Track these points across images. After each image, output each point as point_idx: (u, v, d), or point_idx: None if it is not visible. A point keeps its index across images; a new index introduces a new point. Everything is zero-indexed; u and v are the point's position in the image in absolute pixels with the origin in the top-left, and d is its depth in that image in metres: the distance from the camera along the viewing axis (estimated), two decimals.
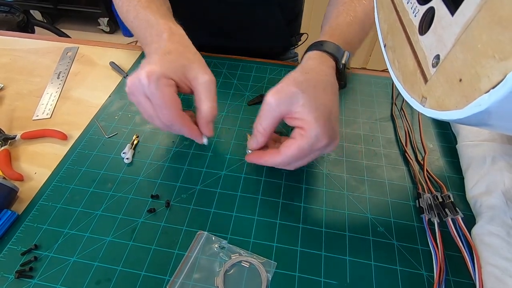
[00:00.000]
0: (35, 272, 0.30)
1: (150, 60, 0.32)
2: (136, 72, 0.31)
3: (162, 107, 0.31)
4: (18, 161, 0.39)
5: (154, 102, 0.31)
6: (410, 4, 0.21)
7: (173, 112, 0.31)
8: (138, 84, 0.31)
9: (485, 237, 0.30)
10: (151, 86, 0.30)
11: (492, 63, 0.12)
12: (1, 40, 0.57)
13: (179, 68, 0.32)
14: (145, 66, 0.31)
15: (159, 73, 0.30)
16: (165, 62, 0.31)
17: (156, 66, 0.31)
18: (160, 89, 0.30)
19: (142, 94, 0.31)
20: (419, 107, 0.18)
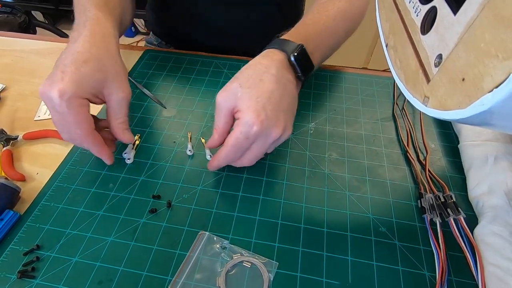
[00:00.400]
0: (37, 272, 0.30)
1: (65, 70, 0.30)
2: (49, 83, 0.30)
3: (73, 127, 0.31)
4: (20, 162, 0.39)
5: (65, 120, 0.31)
6: (412, 4, 0.21)
7: (84, 131, 0.32)
8: (49, 100, 0.30)
9: (488, 237, 0.30)
10: (62, 105, 0.30)
11: (495, 62, 0.12)
12: (3, 41, 0.57)
13: (94, 85, 0.32)
14: (58, 82, 0.30)
15: (72, 93, 0.30)
16: (80, 79, 0.31)
17: (69, 85, 0.30)
18: (72, 108, 0.30)
19: (51, 107, 0.31)
20: (421, 107, 0.18)
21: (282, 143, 0.34)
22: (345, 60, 1.01)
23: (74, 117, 0.31)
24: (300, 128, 0.43)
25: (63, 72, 0.30)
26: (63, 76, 0.30)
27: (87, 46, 0.32)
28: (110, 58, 0.33)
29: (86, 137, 0.32)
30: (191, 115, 0.45)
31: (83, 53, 0.32)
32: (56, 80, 0.30)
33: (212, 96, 0.47)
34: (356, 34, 0.51)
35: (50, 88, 0.30)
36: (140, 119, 0.44)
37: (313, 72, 0.39)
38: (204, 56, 0.54)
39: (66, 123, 0.31)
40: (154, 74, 0.50)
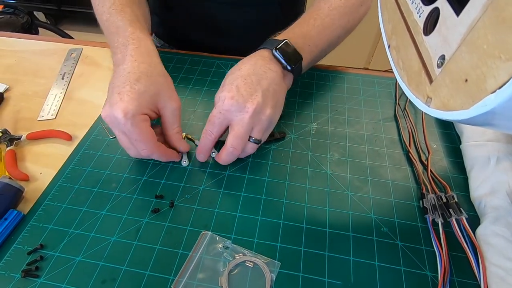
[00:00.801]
0: (41, 271, 0.30)
1: (121, 92, 0.32)
2: (110, 106, 0.32)
3: (140, 143, 0.33)
4: (23, 162, 0.39)
5: (132, 137, 0.33)
6: (414, 5, 0.21)
7: (151, 145, 0.34)
8: (114, 121, 0.32)
9: (490, 238, 0.30)
10: (127, 124, 0.31)
11: (498, 63, 0.13)
12: (6, 42, 0.57)
13: (150, 100, 0.33)
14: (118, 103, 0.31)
15: (134, 111, 0.31)
16: (137, 96, 0.32)
17: (130, 103, 0.31)
18: (137, 126, 0.32)
19: (117, 128, 0.33)
20: (424, 107, 0.19)
21: (268, 126, 0.35)
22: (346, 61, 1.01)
23: (139, 134, 0.32)
24: (302, 128, 0.43)
25: (119, 93, 0.32)
26: (121, 96, 0.32)
27: (136, 65, 0.34)
28: (157, 72, 0.35)
29: (152, 151, 0.34)
30: (193, 115, 0.45)
31: (133, 72, 0.33)
32: (115, 101, 0.32)
33: None
34: (357, 34, 0.51)
35: (112, 110, 0.32)
36: None
37: (309, 65, 0.41)
38: (206, 56, 0.54)
39: (133, 141, 0.33)
40: None
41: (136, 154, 0.35)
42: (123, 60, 0.35)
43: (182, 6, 0.58)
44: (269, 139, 0.40)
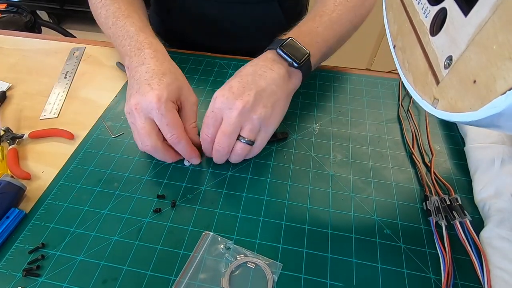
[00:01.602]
0: (42, 270, 0.30)
1: (151, 83, 0.34)
2: (141, 94, 0.33)
3: (172, 127, 0.33)
4: (25, 160, 0.39)
5: (163, 122, 0.33)
6: (421, 5, 0.21)
7: (181, 130, 0.34)
8: (146, 107, 0.33)
9: (494, 241, 0.30)
10: (161, 108, 0.32)
11: (508, 64, 0.12)
12: (9, 40, 0.57)
13: (176, 92, 0.35)
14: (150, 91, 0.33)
15: (167, 97, 0.33)
16: (166, 86, 0.34)
17: (162, 90, 0.33)
18: (171, 110, 0.33)
19: (144, 115, 0.33)
20: (430, 108, 0.18)
21: (262, 126, 0.34)
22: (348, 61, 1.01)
23: (172, 118, 0.33)
24: (305, 129, 0.43)
25: (149, 84, 0.34)
26: (152, 86, 0.33)
27: (158, 64, 0.36)
28: (177, 70, 0.38)
29: (182, 136, 0.34)
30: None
31: (158, 69, 0.35)
32: (147, 90, 0.33)
33: None
34: (360, 35, 0.51)
35: (145, 97, 0.33)
36: None
37: (318, 62, 0.42)
38: (209, 56, 0.54)
39: (165, 126, 0.33)
40: None
41: (154, 142, 0.34)
42: (143, 61, 0.36)
43: (182, 8, 0.58)
44: (271, 140, 0.40)
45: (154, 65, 0.35)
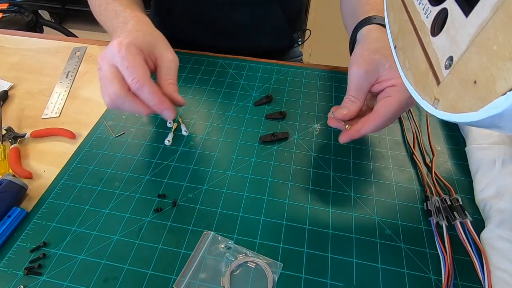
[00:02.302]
0: (43, 269, 0.30)
1: (120, 35, 0.33)
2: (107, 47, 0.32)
3: (134, 68, 0.31)
4: (27, 159, 0.39)
5: (124, 65, 0.31)
6: (421, 5, 0.21)
7: (143, 73, 0.31)
8: (108, 54, 0.32)
9: (495, 241, 0.30)
10: (122, 51, 0.31)
11: (509, 65, 0.12)
12: (11, 40, 0.58)
13: (147, 43, 0.33)
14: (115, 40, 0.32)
15: (129, 41, 0.32)
16: (134, 36, 0.33)
17: (126, 38, 0.32)
18: (131, 53, 0.31)
19: (108, 62, 0.31)
20: (431, 109, 0.18)
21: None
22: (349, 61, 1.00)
23: (132, 61, 0.31)
24: (305, 129, 0.43)
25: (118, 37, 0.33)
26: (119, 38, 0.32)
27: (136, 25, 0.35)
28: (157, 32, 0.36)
29: (144, 81, 0.31)
30: (196, 115, 0.45)
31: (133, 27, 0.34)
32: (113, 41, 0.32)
33: (218, 96, 0.47)
34: None
35: (108, 46, 0.32)
36: (146, 118, 0.44)
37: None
38: (210, 56, 0.54)
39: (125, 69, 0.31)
40: None
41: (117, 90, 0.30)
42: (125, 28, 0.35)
43: (182, 9, 0.58)
44: (272, 139, 0.40)
45: (132, 25, 0.35)
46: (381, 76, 0.32)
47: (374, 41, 0.34)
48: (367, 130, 0.32)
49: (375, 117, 0.32)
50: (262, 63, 0.53)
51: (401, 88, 0.31)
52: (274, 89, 0.48)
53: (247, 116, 0.45)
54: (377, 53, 0.32)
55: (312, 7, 1.37)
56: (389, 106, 0.31)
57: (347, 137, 0.34)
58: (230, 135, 0.42)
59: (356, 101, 0.33)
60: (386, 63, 0.32)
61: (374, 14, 0.37)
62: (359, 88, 0.32)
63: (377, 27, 0.36)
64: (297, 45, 0.70)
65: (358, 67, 0.32)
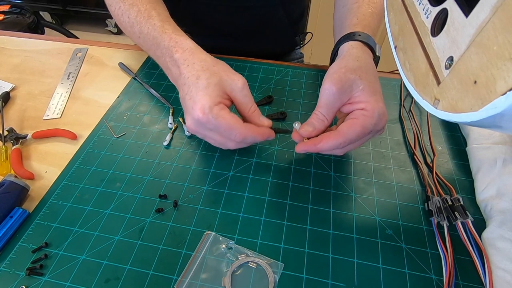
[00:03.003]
0: (45, 269, 0.30)
1: (191, 96, 0.32)
2: (189, 115, 0.32)
3: (230, 130, 0.32)
4: (29, 160, 0.40)
5: (220, 129, 0.32)
6: (422, 6, 0.21)
7: (241, 127, 0.32)
8: (198, 124, 0.32)
9: (496, 241, 0.30)
10: (210, 119, 0.31)
11: (508, 65, 0.12)
12: (13, 41, 0.58)
13: (217, 90, 0.33)
14: (193, 107, 0.32)
15: (209, 104, 0.31)
16: (204, 91, 0.32)
17: (202, 100, 0.31)
18: (219, 115, 0.31)
19: (205, 129, 0.33)
20: (431, 109, 0.18)
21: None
22: None
23: (225, 123, 0.31)
24: None
25: (191, 99, 0.32)
26: (193, 100, 0.32)
27: (189, 69, 0.34)
28: (210, 62, 0.34)
29: (244, 133, 0.32)
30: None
31: (191, 75, 0.33)
32: (192, 107, 0.32)
33: None
34: None
35: (194, 116, 0.32)
36: (147, 119, 0.44)
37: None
38: None
39: (223, 132, 0.32)
40: (161, 75, 0.51)
41: (231, 145, 0.34)
42: (179, 72, 0.34)
43: (185, 12, 0.59)
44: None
45: (187, 72, 0.33)
46: (353, 97, 0.32)
47: (353, 60, 0.34)
48: (325, 147, 0.32)
49: (336, 135, 0.31)
50: (263, 64, 0.53)
51: (369, 114, 0.31)
52: (274, 90, 0.49)
53: None
54: (353, 73, 0.32)
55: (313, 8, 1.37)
56: (352, 128, 0.31)
57: (303, 149, 0.33)
58: None
59: (324, 119, 0.33)
60: (361, 85, 0.31)
61: (359, 29, 0.37)
62: (329, 106, 0.32)
63: (359, 45, 0.36)
64: (298, 48, 0.70)
65: (332, 84, 0.31)
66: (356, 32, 0.37)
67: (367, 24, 0.39)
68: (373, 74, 0.33)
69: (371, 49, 0.36)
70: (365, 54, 0.35)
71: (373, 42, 0.37)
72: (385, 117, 0.32)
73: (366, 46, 0.36)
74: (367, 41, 0.36)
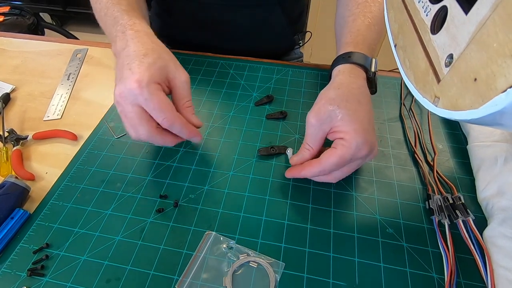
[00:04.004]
0: (46, 270, 0.30)
1: (131, 67, 0.32)
2: (122, 81, 0.31)
3: (161, 110, 0.31)
4: (29, 161, 0.40)
5: (150, 107, 0.31)
6: (421, 3, 0.21)
7: (171, 112, 0.32)
8: (128, 94, 0.31)
9: (497, 240, 0.30)
10: (144, 92, 0.30)
11: (509, 62, 0.12)
12: (13, 42, 0.58)
13: (160, 71, 0.33)
14: (130, 76, 0.31)
15: (148, 79, 0.31)
16: (147, 68, 0.31)
17: (142, 73, 0.31)
18: (154, 93, 0.31)
19: (131, 102, 0.31)
20: (431, 107, 0.18)
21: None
22: None
23: (158, 102, 0.31)
24: None
25: (130, 69, 0.31)
26: (132, 71, 0.31)
27: (139, 44, 0.33)
28: (161, 48, 0.35)
29: (173, 119, 0.32)
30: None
31: (139, 50, 0.33)
32: (127, 76, 0.31)
33: (218, 97, 0.47)
34: None
35: (126, 84, 0.31)
36: None
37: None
38: (210, 56, 0.54)
39: (152, 110, 0.31)
40: None
41: (147, 131, 0.32)
42: (125, 44, 0.34)
43: (183, 10, 0.58)
44: (270, 153, 0.39)
45: (135, 46, 0.33)
46: (334, 127, 0.32)
47: (334, 88, 0.34)
48: (306, 174, 0.33)
49: (315, 164, 0.32)
50: (263, 63, 0.53)
51: (347, 144, 0.31)
52: (274, 89, 0.48)
53: (248, 116, 0.45)
54: (332, 102, 0.32)
55: (313, 7, 1.37)
56: (330, 158, 0.31)
57: (290, 175, 0.35)
58: (231, 136, 0.42)
59: (310, 149, 0.34)
60: (339, 115, 0.31)
61: (351, 49, 0.37)
62: (313, 137, 0.33)
63: (347, 68, 0.36)
64: (297, 47, 0.70)
65: (311, 117, 0.33)
66: (347, 53, 0.37)
67: (361, 40, 0.38)
68: (356, 100, 0.33)
69: (364, 67, 0.36)
70: (352, 79, 0.35)
71: (365, 60, 0.36)
72: (367, 146, 0.31)
73: (358, 67, 0.36)
74: (358, 61, 0.36)
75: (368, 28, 0.40)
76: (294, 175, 0.35)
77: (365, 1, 0.42)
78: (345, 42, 0.39)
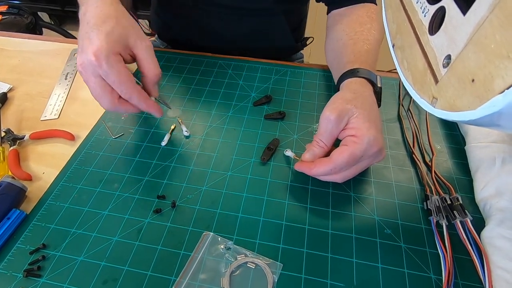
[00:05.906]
0: (43, 271, 0.30)
1: (90, 36, 0.32)
2: (82, 52, 0.32)
3: (120, 83, 0.32)
4: (26, 161, 0.39)
5: (109, 79, 0.32)
6: (419, 4, 0.21)
7: (130, 84, 0.33)
8: (88, 65, 0.31)
9: (495, 240, 0.30)
10: (102, 64, 0.31)
11: (506, 63, 0.12)
12: (11, 42, 0.58)
13: (120, 39, 0.33)
14: (89, 47, 0.31)
15: (107, 50, 0.31)
16: (105, 37, 0.31)
17: (101, 43, 0.31)
18: (113, 65, 0.31)
19: (92, 73, 0.32)
20: (429, 108, 0.18)
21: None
22: None
23: (117, 74, 0.31)
24: (305, 129, 0.43)
25: (89, 39, 0.32)
26: (90, 41, 0.31)
27: (99, 11, 0.33)
28: (122, 15, 0.34)
29: (131, 91, 0.33)
30: (195, 116, 0.45)
31: (98, 17, 0.33)
32: (86, 47, 0.31)
33: (217, 97, 0.47)
34: None
35: (86, 55, 0.31)
36: (145, 119, 0.44)
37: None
38: (209, 56, 0.54)
39: (111, 82, 0.32)
40: None
41: (109, 102, 0.33)
42: (86, 9, 0.34)
43: (186, 17, 0.58)
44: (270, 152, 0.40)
45: (94, 12, 0.33)
46: (349, 123, 0.33)
47: (350, 92, 0.36)
48: (317, 173, 0.34)
49: (326, 162, 0.33)
50: (261, 64, 0.53)
51: (359, 141, 0.32)
52: (273, 89, 0.48)
53: (247, 116, 0.45)
54: (349, 103, 0.34)
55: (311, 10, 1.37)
56: (341, 155, 0.32)
57: (301, 168, 0.35)
58: (230, 136, 0.42)
59: (324, 146, 0.34)
60: (356, 113, 0.33)
61: (357, 66, 0.39)
62: (328, 132, 0.34)
63: (358, 80, 0.38)
64: (299, 53, 0.70)
65: (331, 113, 0.33)
66: (355, 69, 0.39)
67: (364, 60, 0.41)
68: (369, 104, 0.35)
69: (371, 82, 0.38)
70: (362, 88, 0.37)
71: (372, 76, 0.38)
72: (378, 144, 0.32)
73: (366, 81, 0.38)
74: (367, 76, 0.38)
75: (367, 53, 0.42)
76: (304, 171, 0.35)
77: (363, 28, 0.45)
78: (349, 61, 0.41)
